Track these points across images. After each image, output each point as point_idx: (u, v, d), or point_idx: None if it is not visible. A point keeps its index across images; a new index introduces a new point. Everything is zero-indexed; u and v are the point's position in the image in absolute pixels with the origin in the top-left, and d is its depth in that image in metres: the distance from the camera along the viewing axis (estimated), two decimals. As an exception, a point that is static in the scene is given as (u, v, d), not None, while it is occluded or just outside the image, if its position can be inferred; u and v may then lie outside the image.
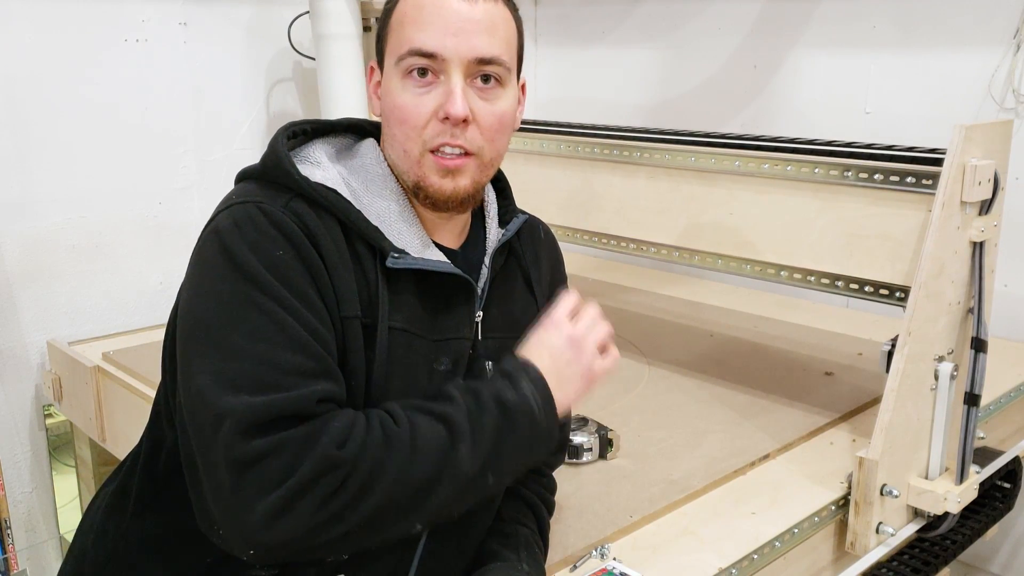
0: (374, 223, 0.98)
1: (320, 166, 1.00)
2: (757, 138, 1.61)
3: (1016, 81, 1.96)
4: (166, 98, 2.33)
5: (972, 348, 1.42)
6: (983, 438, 1.62)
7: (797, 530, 1.29)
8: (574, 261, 1.85)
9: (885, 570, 1.49)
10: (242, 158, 2.47)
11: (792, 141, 1.56)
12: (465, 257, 1.07)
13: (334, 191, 0.97)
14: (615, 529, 1.26)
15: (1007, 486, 1.76)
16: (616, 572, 1.16)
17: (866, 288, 1.47)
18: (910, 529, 1.42)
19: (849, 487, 1.36)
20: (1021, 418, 1.83)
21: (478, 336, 1.06)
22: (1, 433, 2.16)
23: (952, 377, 1.38)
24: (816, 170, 1.49)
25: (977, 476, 1.44)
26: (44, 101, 2.13)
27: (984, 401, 1.46)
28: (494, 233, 1.09)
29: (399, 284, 0.98)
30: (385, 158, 1.03)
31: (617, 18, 2.75)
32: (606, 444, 1.47)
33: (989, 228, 1.40)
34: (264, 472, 0.84)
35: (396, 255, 0.97)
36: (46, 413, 2.23)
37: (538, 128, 1.90)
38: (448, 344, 1.02)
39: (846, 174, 1.46)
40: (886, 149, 1.45)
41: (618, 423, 1.54)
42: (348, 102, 2.37)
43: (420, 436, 0.90)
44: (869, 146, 1.48)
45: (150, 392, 1.75)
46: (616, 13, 2.74)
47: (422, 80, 0.96)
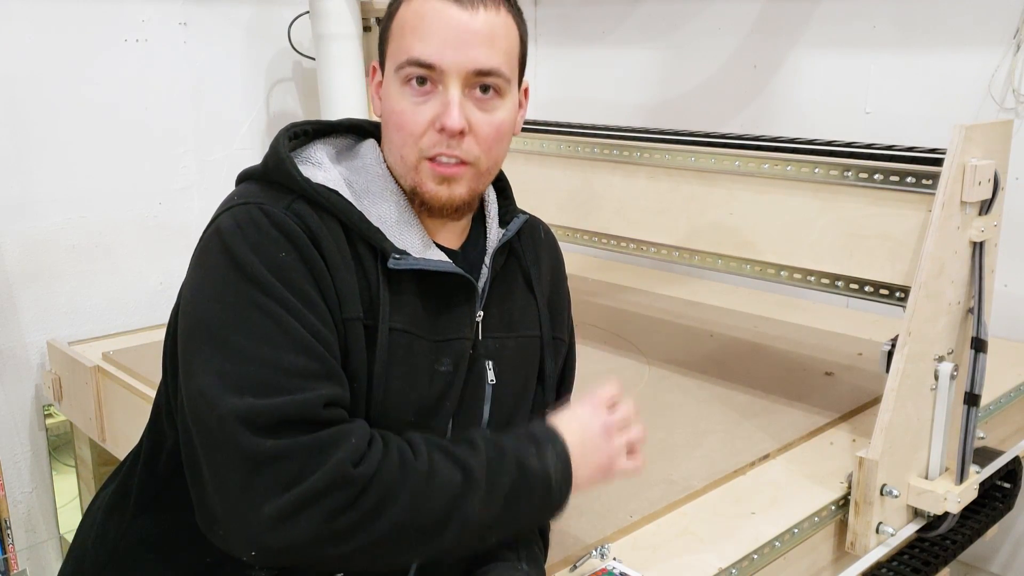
0: (375, 224, 0.98)
1: (321, 167, 1.00)
2: (757, 138, 1.61)
3: (1016, 81, 1.96)
4: (166, 98, 2.33)
5: (972, 348, 1.42)
6: (983, 438, 1.62)
7: (797, 530, 1.29)
8: (574, 261, 1.85)
9: (885, 570, 1.49)
10: (242, 158, 2.48)
11: (792, 141, 1.56)
12: (465, 257, 1.07)
13: (336, 192, 0.97)
14: (615, 529, 1.26)
15: (1007, 486, 1.76)
16: (616, 572, 1.16)
17: (866, 288, 1.47)
18: (910, 529, 1.42)
19: (849, 487, 1.36)
20: (1021, 418, 1.83)
21: (479, 336, 1.06)
22: (1, 433, 2.16)
23: (952, 377, 1.38)
24: (816, 170, 1.49)
25: (977, 476, 1.44)
26: (44, 101, 2.13)
27: (984, 401, 1.46)
28: (494, 233, 1.09)
29: (400, 285, 0.98)
30: (385, 159, 1.03)
31: (617, 18, 2.75)
32: (606, 444, 1.47)
33: (989, 228, 1.40)
34: (275, 474, 0.84)
35: (397, 256, 0.97)
36: (46, 413, 2.23)
37: (538, 128, 1.90)
38: (449, 344, 1.02)
39: (846, 174, 1.46)
40: (886, 149, 1.45)
41: (618, 423, 1.54)
42: (348, 102, 2.37)
43: (436, 476, 0.90)
44: (869, 146, 1.47)
45: (150, 392, 1.75)
46: (616, 13, 2.74)
47: (420, 89, 0.96)
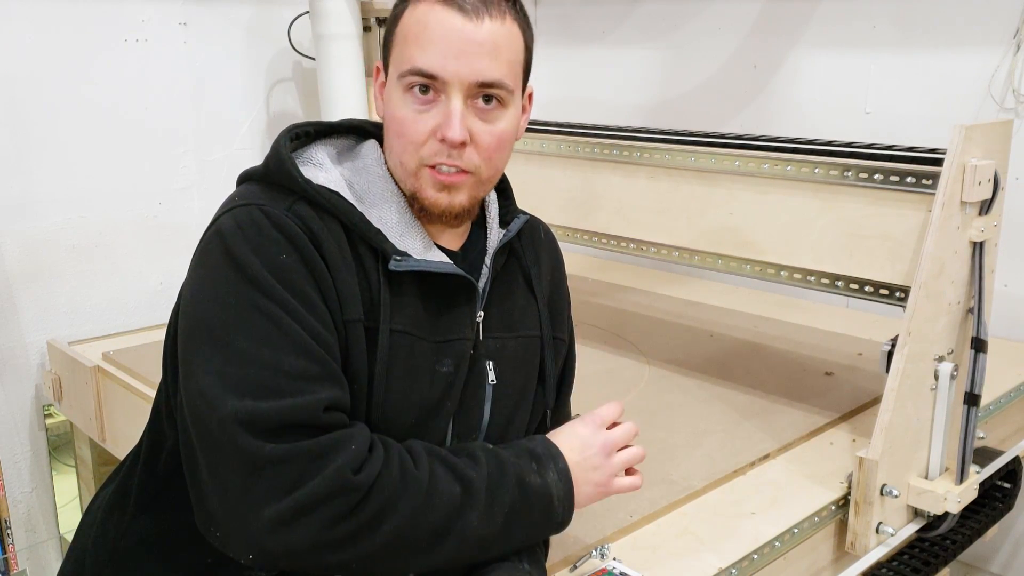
0: (376, 226, 0.98)
1: (322, 168, 1.00)
2: (757, 138, 1.61)
3: (1016, 81, 1.96)
4: (166, 98, 2.33)
5: (972, 348, 1.41)
6: (983, 438, 1.62)
7: (797, 530, 1.29)
8: (574, 261, 1.85)
9: (885, 570, 1.49)
10: (242, 158, 2.48)
11: (792, 141, 1.56)
12: (466, 258, 1.07)
13: (337, 194, 0.97)
14: (615, 529, 1.26)
15: (1007, 486, 1.76)
16: (616, 572, 1.16)
17: (866, 288, 1.47)
18: (910, 529, 1.42)
19: (849, 487, 1.36)
20: (1021, 418, 1.83)
21: (479, 336, 1.06)
22: (1, 433, 2.16)
23: (952, 377, 1.38)
24: (816, 170, 1.49)
25: (977, 476, 1.44)
26: (44, 101, 2.13)
27: (984, 401, 1.46)
28: (495, 234, 1.09)
29: (401, 286, 0.98)
30: (386, 160, 1.03)
31: (617, 18, 2.75)
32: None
33: (989, 228, 1.40)
34: (275, 478, 0.84)
35: (398, 258, 0.97)
36: (46, 413, 2.23)
37: (538, 128, 1.90)
38: (450, 345, 1.02)
39: (846, 174, 1.46)
40: (886, 149, 1.45)
41: (618, 423, 1.54)
42: (348, 102, 2.37)
43: (436, 488, 0.91)
44: (869, 146, 1.47)
45: (150, 392, 1.75)
46: (616, 13, 2.74)
47: (423, 97, 0.96)
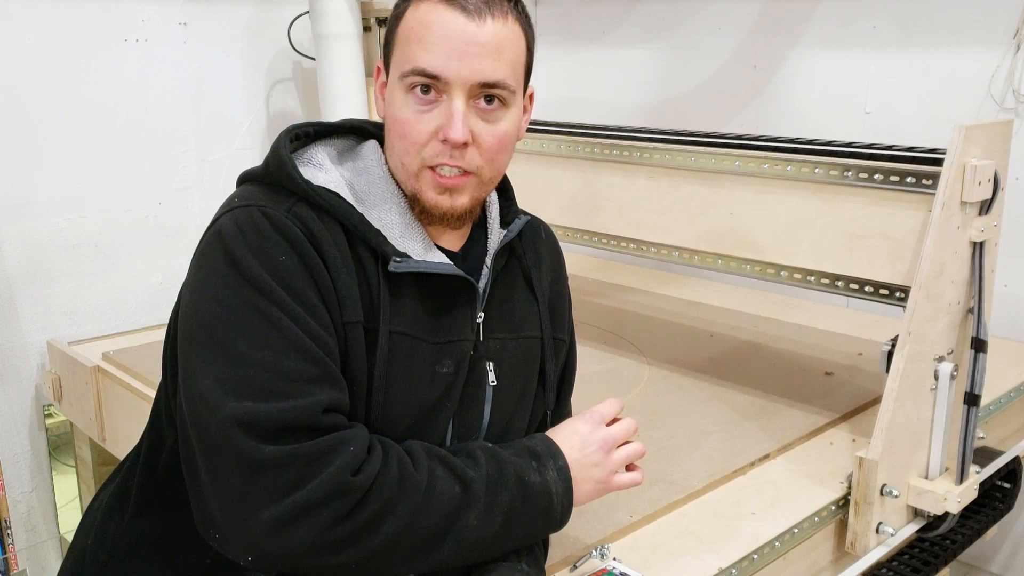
0: (376, 227, 0.98)
1: (323, 168, 1.00)
2: (757, 138, 1.61)
3: (1016, 81, 1.96)
4: (166, 98, 2.33)
5: (972, 348, 1.42)
6: (983, 438, 1.62)
7: (797, 530, 1.29)
8: (575, 261, 1.85)
9: (885, 570, 1.49)
10: (242, 158, 2.48)
11: (792, 141, 1.56)
12: (466, 259, 1.07)
13: (337, 195, 0.97)
14: (615, 529, 1.26)
15: (1007, 486, 1.76)
16: (616, 572, 1.16)
17: (866, 288, 1.47)
18: (910, 529, 1.42)
19: (849, 487, 1.36)
20: (1021, 418, 1.83)
21: (479, 337, 1.06)
22: (1, 433, 2.16)
23: (952, 377, 1.38)
24: (816, 170, 1.49)
25: (977, 476, 1.44)
26: (44, 101, 2.13)
27: (984, 401, 1.46)
28: (496, 234, 1.09)
29: (401, 288, 0.98)
30: (387, 161, 1.03)
31: (617, 18, 2.75)
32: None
33: (989, 228, 1.40)
34: (274, 480, 0.84)
35: (398, 259, 0.96)
36: (46, 413, 2.23)
37: (539, 128, 1.90)
38: (450, 346, 1.02)
39: (846, 174, 1.46)
40: (886, 149, 1.45)
41: (618, 423, 1.54)
42: (348, 102, 2.37)
43: (435, 489, 0.91)
44: (869, 146, 1.47)
45: (150, 392, 1.75)
46: (616, 13, 2.74)
47: (424, 98, 0.96)
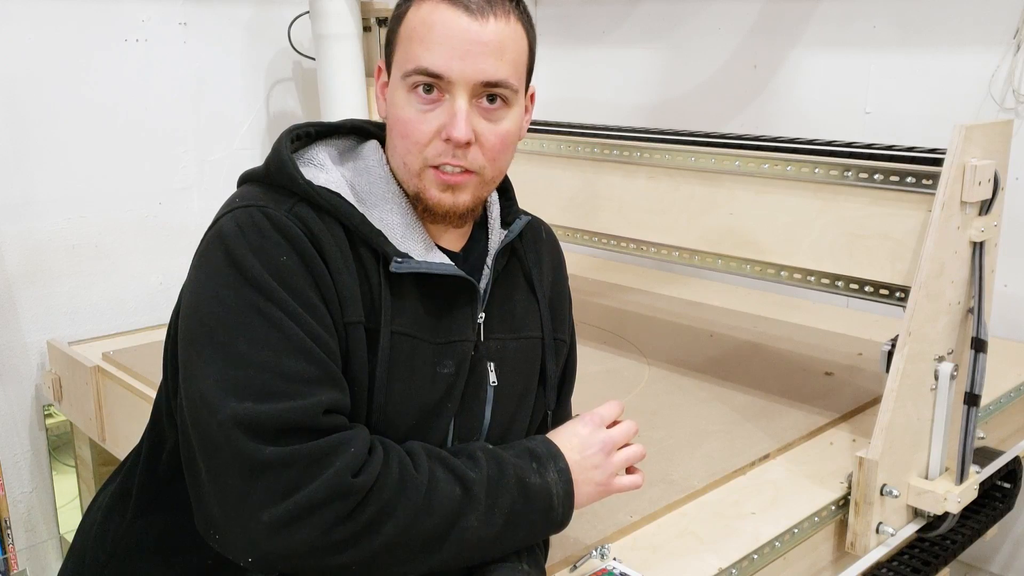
0: (377, 227, 0.98)
1: (323, 169, 0.99)
2: (757, 138, 1.61)
3: (1016, 81, 1.96)
4: (166, 98, 2.33)
5: (972, 348, 1.41)
6: (983, 438, 1.62)
7: (797, 530, 1.29)
8: (575, 261, 1.85)
9: (885, 570, 1.49)
10: (242, 158, 2.48)
11: (792, 141, 1.56)
12: (467, 259, 1.07)
13: (338, 195, 0.96)
14: (615, 529, 1.26)
15: (1007, 486, 1.76)
16: (616, 572, 1.16)
17: (866, 288, 1.47)
18: (910, 529, 1.42)
19: (849, 487, 1.36)
20: (1021, 418, 1.83)
21: (480, 338, 1.06)
22: (1, 433, 2.16)
23: (952, 377, 1.38)
24: (816, 170, 1.49)
25: (977, 476, 1.44)
26: (44, 101, 2.13)
27: (984, 401, 1.46)
28: (496, 234, 1.09)
29: (402, 288, 0.98)
30: (388, 161, 1.03)
31: (617, 18, 2.75)
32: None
33: (989, 228, 1.40)
34: (274, 481, 0.84)
35: (399, 260, 0.96)
36: (46, 413, 2.23)
37: (539, 128, 1.90)
38: (451, 347, 1.02)
39: (846, 174, 1.46)
40: (886, 149, 1.45)
41: (618, 423, 1.54)
42: (348, 102, 2.37)
43: (436, 490, 0.91)
44: (869, 146, 1.47)
45: (150, 392, 1.75)
46: (616, 13, 2.74)
47: (427, 97, 0.96)
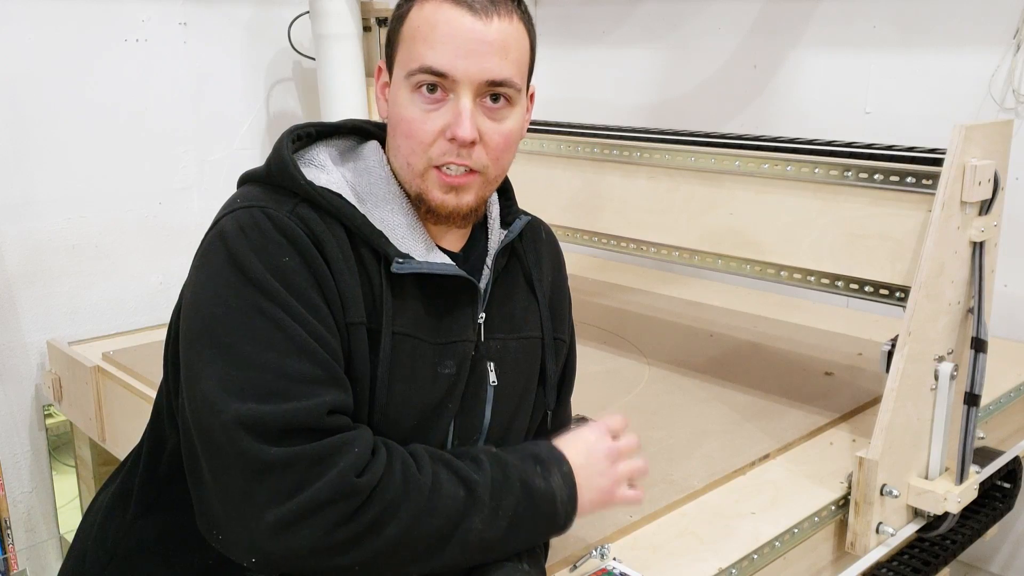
0: (378, 228, 0.98)
1: (324, 169, 0.99)
2: (757, 138, 1.61)
3: (1016, 81, 1.96)
4: (166, 98, 2.33)
5: (972, 348, 1.42)
6: (983, 438, 1.62)
7: (797, 530, 1.29)
8: (575, 261, 1.85)
9: (885, 570, 1.49)
10: (242, 158, 2.48)
11: (792, 141, 1.56)
12: (467, 259, 1.07)
13: (339, 196, 0.96)
14: (615, 529, 1.26)
15: (1007, 486, 1.76)
16: (616, 572, 1.16)
17: (866, 288, 1.47)
18: (910, 529, 1.42)
19: (849, 487, 1.36)
20: (1021, 418, 1.83)
21: (480, 338, 1.06)
22: (1, 433, 2.16)
23: (952, 377, 1.38)
24: (816, 170, 1.49)
25: (977, 476, 1.44)
26: (44, 101, 2.13)
27: (984, 401, 1.46)
28: (496, 235, 1.09)
29: (403, 288, 0.98)
30: (389, 162, 1.03)
31: (617, 18, 2.75)
32: (606, 444, 1.47)
33: (989, 228, 1.40)
34: (278, 482, 0.84)
35: (400, 260, 0.96)
36: (46, 413, 2.23)
37: (539, 128, 1.90)
38: (452, 347, 1.02)
39: (846, 174, 1.46)
40: (886, 149, 1.45)
41: (618, 423, 1.54)
42: (348, 102, 2.37)
43: (439, 492, 0.91)
44: (869, 146, 1.47)
45: (150, 392, 1.75)
46: (616, 13, 2.74)
47: (431, 96, 0.96)
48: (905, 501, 1.39)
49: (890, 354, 1.35)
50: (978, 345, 1.41)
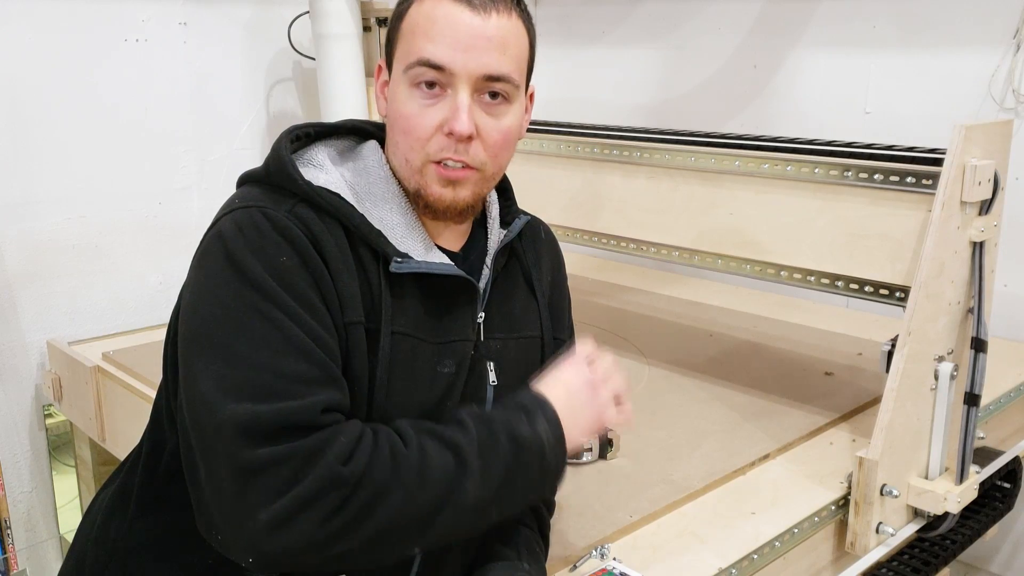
0: (377, 227, 0.97)
1: (323, 169, 0.99)
2: (757, 138, 1.61)
3: (1016, 81, 1.96)
4: (166, 98, 2.33)
5: (972, 348, 1.42)
6: (983, 438, 1.62)
7: (797, 530, 1.29)
8: (575, 261, 1.85)
9: (885, 570, 1.49)
10: (242, 158, 2.48)
11: (792, 141, 1.56)
12: (467, 259, 1.07)
13: (338, 195, 0.96)
14: (615, 529, 1.26)
15: (1007, 486, 1.76)
16: (616, 572, 1.16)
17: (866, 288, 1.47)
18: (910, 529, 1.42)
19: (849, 487, 1.36)
20: (1021, 418, 1.83)
21: (480, 337, 1.06)
22: (1, 433, 2.16)
23: (952, 377, 1.38)
24: (816, 170, 1.49)
25: (977, 476, 1.44)
26: (44, 101, 2.13)
27: (984, 401, 1.46)
28: (496, 234, 1.09)
29: (402, 288, 0.98)
30: (388, 160, 1.03)
31: (617, 18, 2.75)
32: (606, 444, 1.47)
33: (989, 228, 1.40)
34: (269, 481, 0.84)
35: (399, 260, 0.96)
36: (46, 413, 2.23)
37: (539, 128, 1.90)
38: (451, 346, 1.02)
39: (846, 174, 1.46)
40: (886, 149, 1.45)
41: (618, 423, 1.54)
42: (348, 102, 2.37)
43: (428, 463, 0.90)
44: (869, 146, 1.48)
45: (150, 392, 1.75)
46: (616, 13, 2.74)
47: (429, 92, 0.96)
48: (905, 501, 1.39)
49: (890, 354, 1.35)
50: (978, 345, 1.41)
